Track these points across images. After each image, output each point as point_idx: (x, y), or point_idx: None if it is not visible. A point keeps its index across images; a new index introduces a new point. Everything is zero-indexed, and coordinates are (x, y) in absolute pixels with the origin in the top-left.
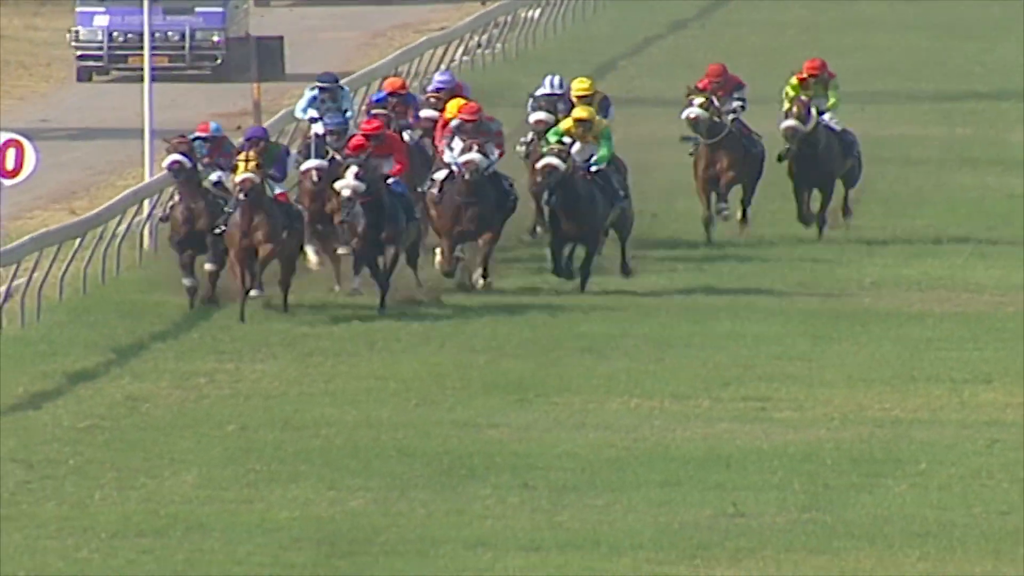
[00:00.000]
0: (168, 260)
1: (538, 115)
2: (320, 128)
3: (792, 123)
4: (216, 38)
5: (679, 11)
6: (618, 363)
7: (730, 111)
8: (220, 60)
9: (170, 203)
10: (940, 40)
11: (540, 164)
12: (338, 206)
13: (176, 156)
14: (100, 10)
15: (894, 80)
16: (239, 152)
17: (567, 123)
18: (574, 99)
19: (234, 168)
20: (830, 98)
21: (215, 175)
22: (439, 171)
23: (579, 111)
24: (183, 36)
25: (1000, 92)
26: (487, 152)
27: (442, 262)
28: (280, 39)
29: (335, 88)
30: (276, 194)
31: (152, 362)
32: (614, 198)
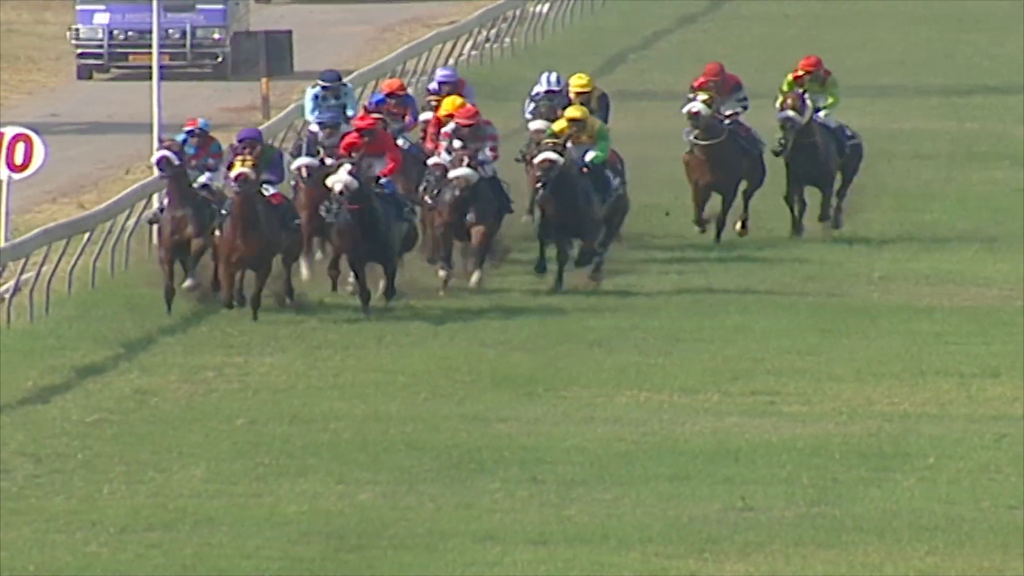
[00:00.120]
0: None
1: (537, 124)
2: (315, 127)
3: (789, 113)
4: (217, 35)
5: (688, 5)
6: (627, 357)
7: (731, 113)
8: (221, 58)
9: (158, 207)
10: (948, 34)
11: (538, 159)
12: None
13: (164, 152)
14: (100, 8)
15: (902, 74)
16: (235, 154)
17: (560, 123)
18: (572, 96)
19: (230, 166)
20: (828, 97)
21: (203, 177)
22: (433, 164)
23: (572, 111)
24: (184, 34)
25: (1008, 86)
26: (478, 164)
27: (442, 268)
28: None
29: (338, 86)
30: (271, 194)
31: (161, 356)
32: (606, 192)
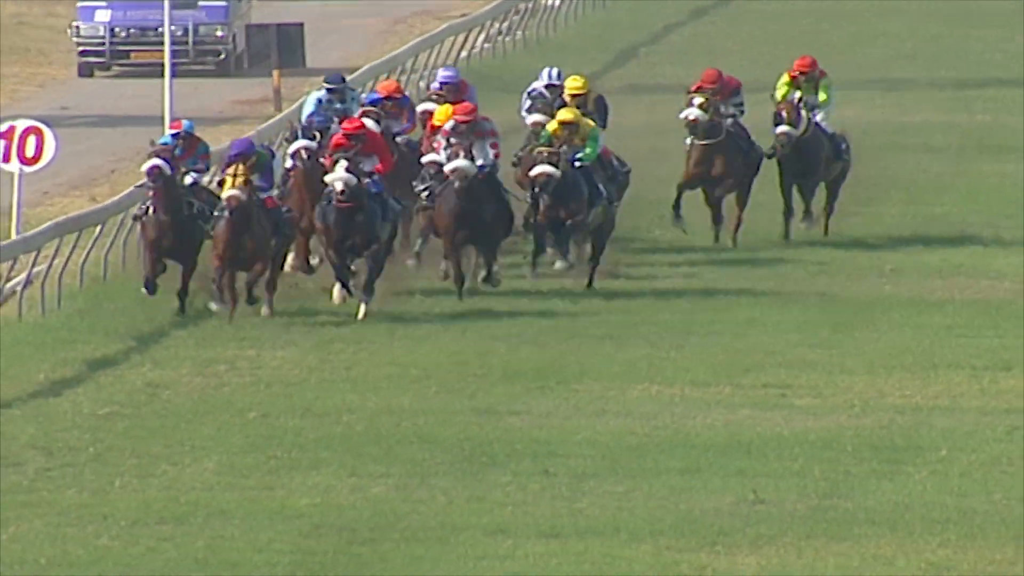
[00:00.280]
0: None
1: (535, 117)
2: (305, 122)
3: (785, 129)
4: (220, 32)
5: None
6: (639, 350)
7: (728, 116)
8: (224, 55)
9: (145, 204)
10: (960, 28)
11: (534, 172)
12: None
13: (156, 161)
14: (101, 5)
15: (914, 68)
16: (227, 166)
17: (552, 125)
18: (567, 98)
19: (221, 183)
20: (821, 95)
21: (189, 178)
22: (428, 162)
23: (564, 113)
24: (186, 31)
25: (1019, 80)
26: (476, 156)
27: (448, 267)
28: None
29: (343, 89)
30: (263, 198)
31: (172, 349)
32: (595, 196)
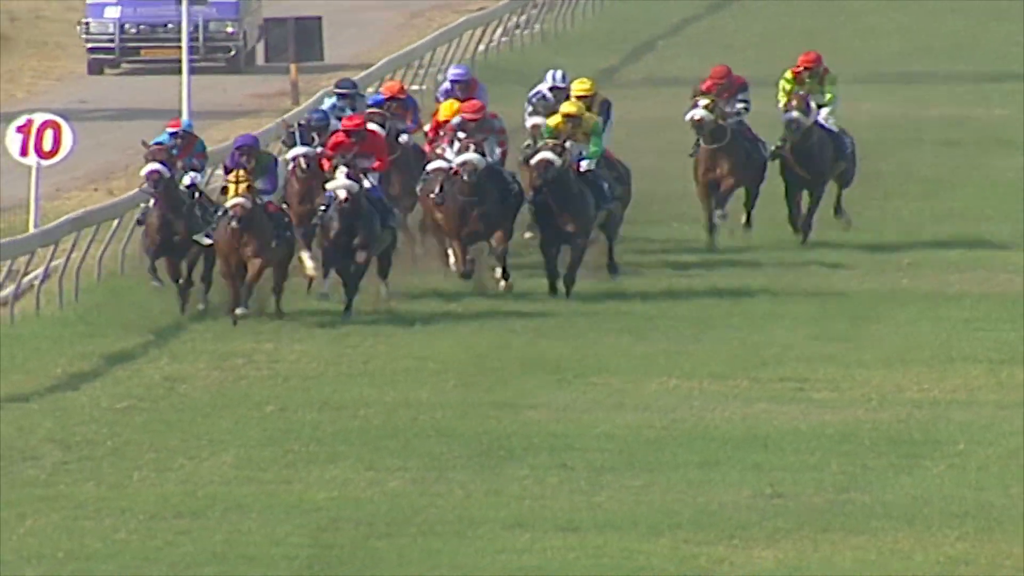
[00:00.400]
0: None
1: (535, 120)
2: (303, 122)
3: (795, 115)
4: (230, 29)
5: None
6: (657, 344)
7: (734, 113)
8: (234, 51)
9: (145, 207)
10: (978, 21)
11: (535, 160)
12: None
13: (155, 166)
14: (111, 1)
15: (932, 61)
16: (229, 170)
17: (556, 119)
18: (573, 99)
19: (224, 189)
20: (827, 94)
21: (188, 178)
22: (433, 170)
23: (567, 106)
24: (196, 27)
25: None
26: (485, 151)
27: (457, 265)
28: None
29: (354, 94)
30: (265, 202)
31: (190, 343)
32: (601, 200)
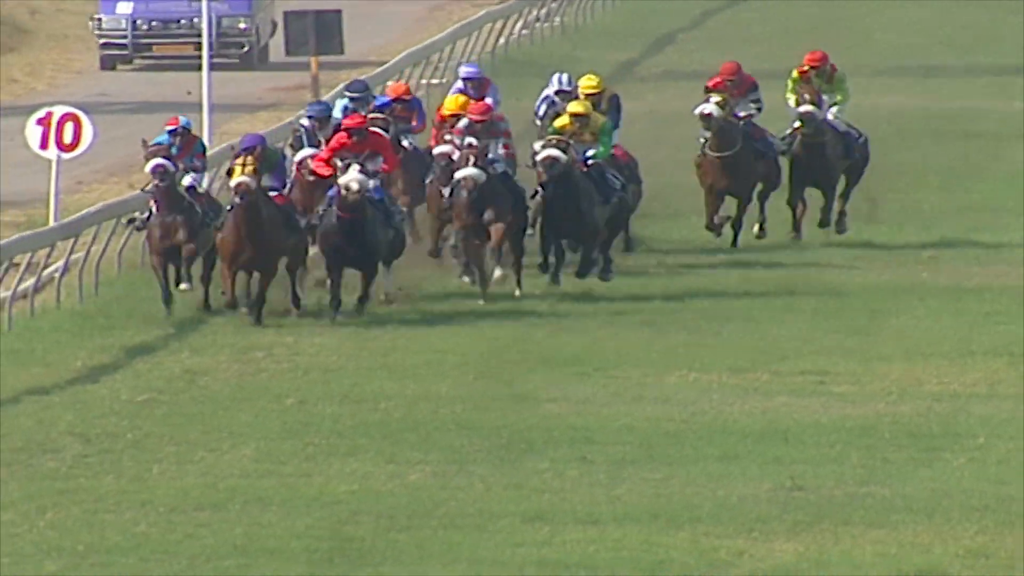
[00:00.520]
0: None
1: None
2: (306, 121)
3: (809, 108)
4: (243, 24)
5: None
6: (677, 337)
7: (745, 115)
8: (247, 47)
9: (146, 213)
10: (997, 14)
11: (541, 156)
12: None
13: (160, 160)
14: None
15: (952, 54)
16: (236, 156)
17: (563, 119)
18: (581, 97)
19: (230, 171)
20: (837, 93)
21: (188, 178)
22: (439, 154)
23: (575, 105)
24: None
25: None
26: (487, 162)
27: (470, 271)
28: (339, 13)
29: (366, 95)
30: (273, 196)
31: (210, 336)
32: (609, 193)
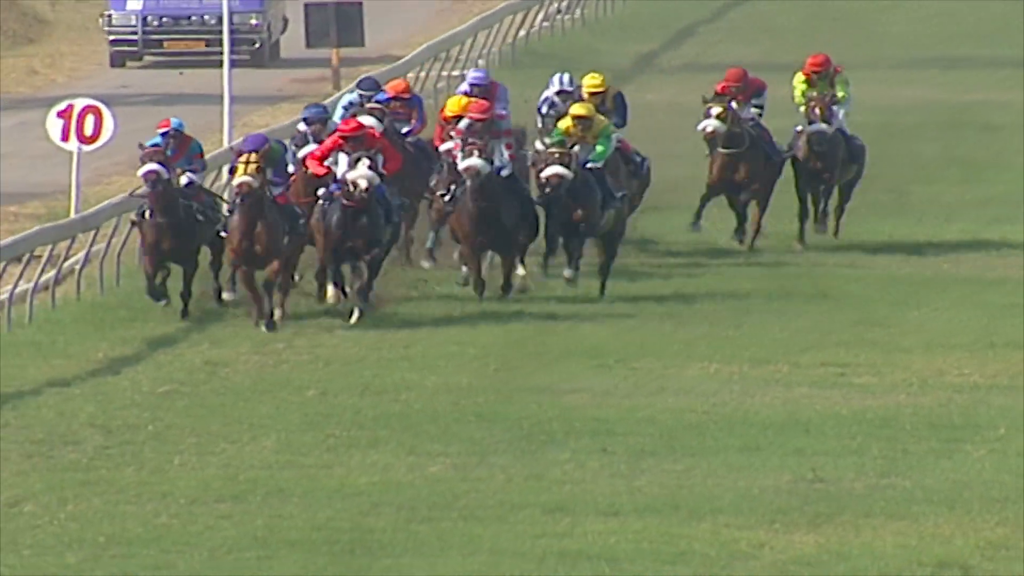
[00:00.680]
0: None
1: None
2: (303, 125)
3: (821, 127)
4: (254, 21)
5: None
6: (697, 329)
7: (748, 119)
8: (259, 43)
9: (141, 210)
10: (1019, 6)
11: (546, 174)
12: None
13: (153, 166)
14: None
15: (974, 45)
16: (240, 154)
17: (566, 122)
18: (585, 96)
19: (233, 170)
20: (839, 92)
21: (185, 178)
22: (444, 171)
23: (577, 108)
24: (220, 19)
25: None
26: (491, 156)
27: (470, 272)
28: (359, 5)
29: (376, 92)
30: (275, 195)
31: (231, 328)
32: (609, 200)
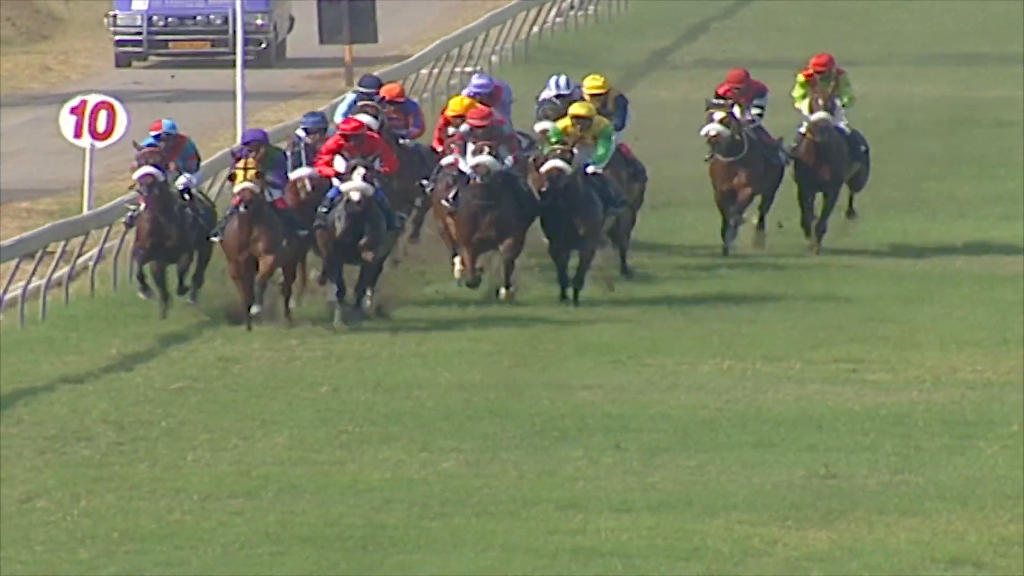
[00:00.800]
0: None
1: (543, 124)
2: (302, 132)
3: (823, 115)
4: (260, 21)
5: None
6: (710, 325)
7: (748, 120)
8: (265, 44)
9: (136, 209)
10: None
11: (545, 168)
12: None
13: (148, 169)
14: None
15: (984, 43)
16: (238, 159)
17: (565, 122)
18: (587, 97)
19: (232, 176)
20: (843, 95)
21: (181, 180)
22: (446, 165)
23: (577, 107)
24: (226, 19)
25: None
26: (500, 155)
27: (464, 272)
28: (372, 1)
29: (376, 91)
30: (274, 200)
31: (244, 324)
32: (610, 204)
